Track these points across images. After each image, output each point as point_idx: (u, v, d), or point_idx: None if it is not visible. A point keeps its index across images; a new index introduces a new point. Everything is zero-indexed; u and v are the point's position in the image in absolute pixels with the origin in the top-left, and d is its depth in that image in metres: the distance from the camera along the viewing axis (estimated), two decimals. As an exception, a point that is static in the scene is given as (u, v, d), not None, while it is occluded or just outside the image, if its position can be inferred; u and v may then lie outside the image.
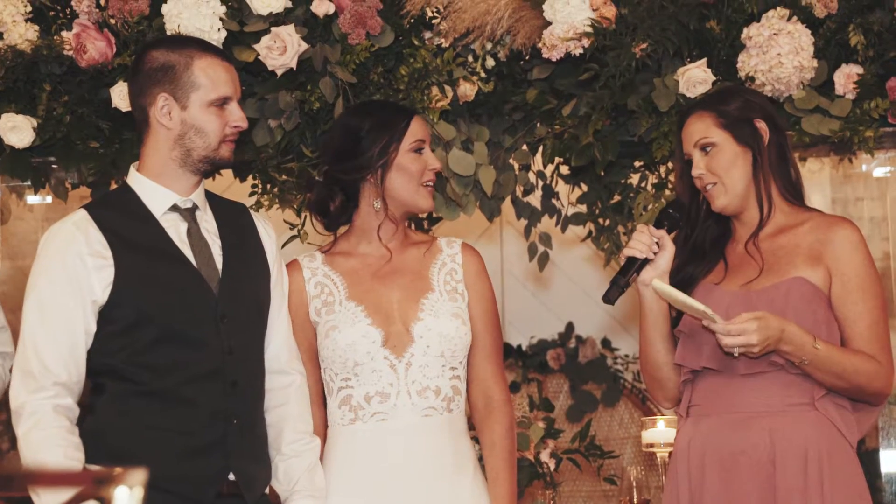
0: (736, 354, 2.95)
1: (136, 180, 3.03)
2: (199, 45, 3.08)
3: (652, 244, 3.08)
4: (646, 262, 3.08)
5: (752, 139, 3.12)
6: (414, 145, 3.24)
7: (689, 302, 2.94)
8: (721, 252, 3.16)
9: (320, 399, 3.26)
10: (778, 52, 3.59)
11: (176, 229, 3.00)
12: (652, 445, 4.38)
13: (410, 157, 3.24)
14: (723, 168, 3.09)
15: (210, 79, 2.99)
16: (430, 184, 3.28)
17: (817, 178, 4.53)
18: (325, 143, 3.41)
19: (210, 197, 3.13)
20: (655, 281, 3.01)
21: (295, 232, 3.83)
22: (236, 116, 3.02)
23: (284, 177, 3.86)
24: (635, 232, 3.11)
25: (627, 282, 3.07)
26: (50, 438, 2.83)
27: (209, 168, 3.05)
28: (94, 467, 2.89)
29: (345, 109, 3.60)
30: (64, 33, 3.73)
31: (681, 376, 3.14)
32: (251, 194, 3.86)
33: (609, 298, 3.07)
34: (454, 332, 3.19)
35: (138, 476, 1.37)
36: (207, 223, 3.07)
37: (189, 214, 3.03)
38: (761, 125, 3.14)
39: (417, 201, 3.27)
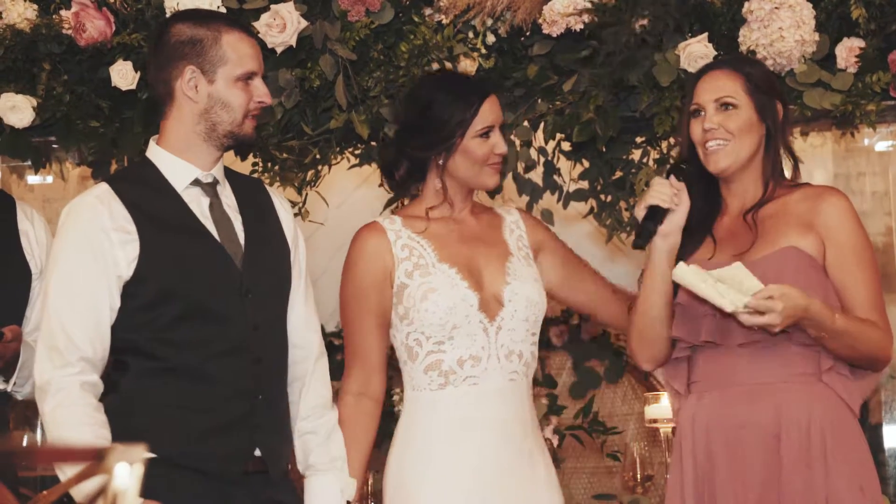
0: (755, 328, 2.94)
1: (157, 154, 3.01)
2: (226, 20, 3.07)
3: (673, 195, 3.07)
4: (666, 212, 3.07)
5: (770, 115, 3.12)
6: (481, 131, 3.23)
7: (709, 291, 2.90)
8: (708, 229, 3.15)
9: (383, 366, 3.25)
10: (779, 26, 3.58)
11: (198, 204, 2.99)
12: (655, 421, 4.39)
13: (476, 142, 3.23)
14: (739, 130, 3.09)
15: (237, 54, 2.97)
16: (496, 164, 3.27)
17: (819, 152, 4.53)
18: (396, 110, 3.44)
19: (226, 172, 3.12)
20: (678, 268, 2.95)
21: (296, 210, 3.82)
22: (261, 92, 3.01)
23: (285, 155, 3.85)
24: (655, 183, 3.09)
25: (656, 228, 3.04)
26: (77, 416, 2.81)
27: (232, 143, 3.03)
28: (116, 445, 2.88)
29: (420, 78, 3.59)
30: (63, 12, 3.72)
31: (675, 347, 3.13)
32: (252, 172, 3.85)
33: (640, 244, 3.07)
34: (538, 297, 3.24)
35: (139, 452, 1.37)
36: (228, 198, 3.05)
37: (210, 189, 3.01)
38: (780, 105, 3.15)
39: (482, 180, 3.27)
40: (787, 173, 3.24)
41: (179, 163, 2.99)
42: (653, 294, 3.10)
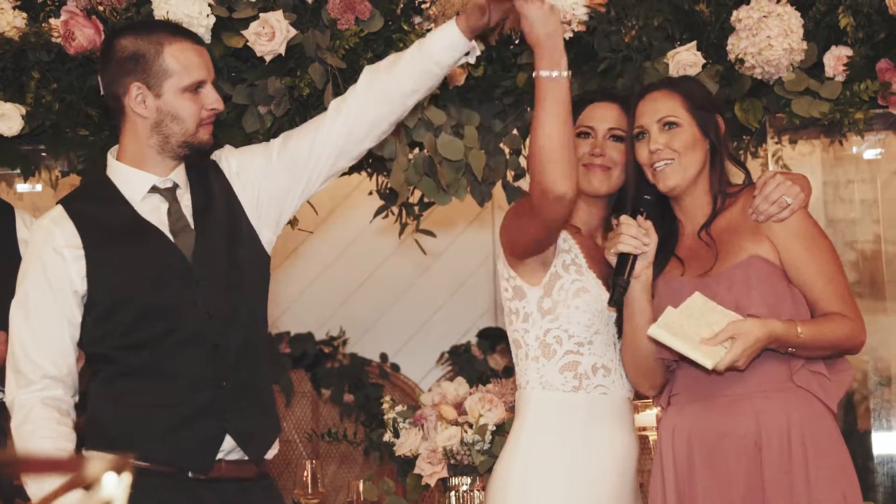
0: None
1: (114, 168, 3.05)
2: (168, 30, 3.06)
3: (642, 237, 3.08)
4: (636, 257, 3.08)
5: (712, 130, 3.14)
6: (576, 130, 3.21)
7: (688, 351, 2.96)
8: (671, 251, 3.16)
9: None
10: (767, 35, 3.59)
11: (157, 211, 3.01)
12: (644, 429, 4.39)
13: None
14: (684, 147, 3.11)
15: (182, 64, 2.97)
16: (587, 164, 3.23)
17: (808, 160, 4.54)
18: None
19: (189, 168, 3.09)
20: (651, 329, 2.99)
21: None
22: (211, 99, 3.01)
23: (274, 163, 3.84)
24: (622, 226, 3.09)
25: (628, 280, 3.06)
26: (38, 430, 2.87)
27: (188, 152, 3.03)
28: (93, 454, 2.91)
29: None
30: (52, 20, 3.72)
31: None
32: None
33: (615, 302, 3.09)
34: None
35: (126, 462, 1.37)
36: (189, 200, 3.06)
37: (170, 194, 3.03)
38: (720, 120, 3.18)
39: (582, 185, 3.20)
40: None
41: (135, 173, 3.01)
42: (637, 330, 3.10)
